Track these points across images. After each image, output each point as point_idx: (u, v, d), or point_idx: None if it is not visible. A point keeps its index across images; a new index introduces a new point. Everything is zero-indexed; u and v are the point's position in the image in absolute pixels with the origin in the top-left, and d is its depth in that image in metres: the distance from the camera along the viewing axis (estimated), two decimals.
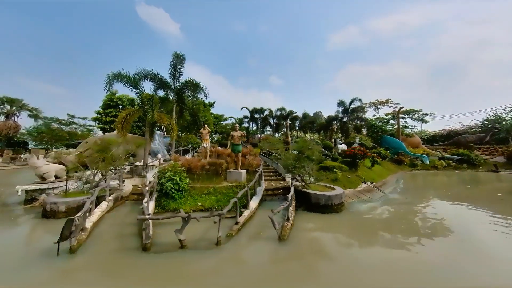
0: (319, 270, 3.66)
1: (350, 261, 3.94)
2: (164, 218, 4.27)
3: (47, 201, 5.99)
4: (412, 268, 3.70)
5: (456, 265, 3.78)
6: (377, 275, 3.45)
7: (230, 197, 7.53)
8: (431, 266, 3.75)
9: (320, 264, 3.85)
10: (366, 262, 3.84)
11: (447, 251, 4.31)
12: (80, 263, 3.77)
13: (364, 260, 3.91)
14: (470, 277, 3.48)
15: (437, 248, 4.47)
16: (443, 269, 3.66)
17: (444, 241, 4.84)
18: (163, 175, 7.38)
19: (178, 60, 12.88)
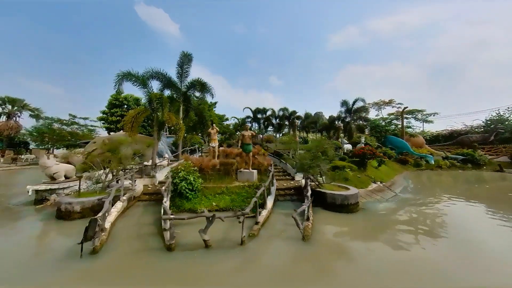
0: (347, 270, 3.60)
1: (375, 261, 3.88)
2: (189, 218, 4.21)
3: (61, 201, 5.90)
4: (438, 268, 3.65)
5: (481, 266, 3.73)
6: (404, 276, 3.40)
7: (244, 197, 7.50)
8: (456, 266, 3.70)
9: (346, 264, 3.79)
10: (391, 262, 3.79)
11: (470, 252, 4.26)
12: (105, 264, 3.69)
13: (389, 260, 3.86)
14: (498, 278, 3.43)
15: (459, 248, 4.42)
16: (470, 270, 3.62)
17: (465, 241, 4.78)
18: (176, 175, 7.30)
19: (186, 59, 12.82)
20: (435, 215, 6.68)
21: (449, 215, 6.67)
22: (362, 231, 5.38)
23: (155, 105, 10.46)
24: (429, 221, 6.10)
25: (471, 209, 7.62)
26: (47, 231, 5.36)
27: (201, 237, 4.15)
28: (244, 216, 4.41)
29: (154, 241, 4.58)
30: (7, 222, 5.90)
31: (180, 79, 13.49)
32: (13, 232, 5.19)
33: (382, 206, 7.49)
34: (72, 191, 8.26)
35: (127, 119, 9.69)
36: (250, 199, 7.32)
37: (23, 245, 4.48)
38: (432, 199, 8.93)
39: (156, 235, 4.87)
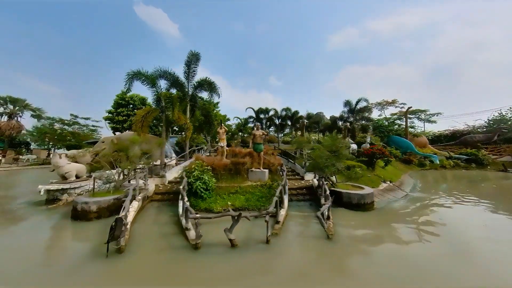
0: (374, 267, 3.56)
1: (398, 258, 3.85)
2: (215, 217, 4.16)
3: (77, 201, 5.83)
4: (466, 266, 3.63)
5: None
6: (434, 274, 3.37)
7: (258, 196, 7.46)
8: (487, 264, 3.69)
9: (374, 262, 3.75)
10: (415, 260, 3.76)
11: (496, 250, 4.25)
12: (133, 263, 3.64)
13: (413, 258, 3.84)
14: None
15: (483, 246, 4.41)
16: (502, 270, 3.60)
17: (487, 239, 4.78)
18: (190, 174, 7.25)
19: (194, 58, 12.76)
20: (452, 215, 6.68)
21: (465, 214, 6.68)
22: (382, 230, 5.35)
23: (164, 104, 10.42)
24: (447, 220, 6.09)
25: (485, 208, 7.62)
26: (66, 231, 5.29)
27: (227, 236, 4.11)
28: (269, 215, 4.37)
29: (177, 240, 4.53)
30: (24, 223, 5.83)
31: (187, 79, 13.44)
32: (33, 234, 5.09)
33: (396, 205, 7.49)
34: (83, 190, 8.20)
35: (137, 118, 9.63)
36: (265, 199, 7.32)
37: (46, 246, 4.43)
38: (444, 198, 8.94)
39: (177, 234, 4.83)
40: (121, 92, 15.14)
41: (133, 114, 14.50)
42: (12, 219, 6.12)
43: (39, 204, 7.73)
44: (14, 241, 4.63)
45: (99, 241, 4.43)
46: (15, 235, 5.08)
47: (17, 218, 6.22)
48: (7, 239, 4.75)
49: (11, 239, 4.80)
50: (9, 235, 5.02)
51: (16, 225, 5.69)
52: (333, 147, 7.22)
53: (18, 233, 5.14)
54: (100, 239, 4.51)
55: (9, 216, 6.34)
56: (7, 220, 6.00)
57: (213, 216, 4.19)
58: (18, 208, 7.12)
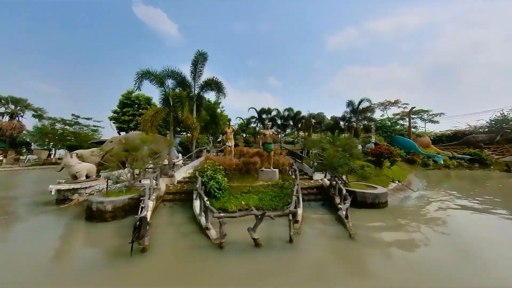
0: (400, 268, 3.55)
1: (425, 258, 3.82)
2: (240, 216, 4.13)
3: (92, 201, 5.77)
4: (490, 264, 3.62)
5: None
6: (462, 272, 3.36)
7: (272, 196, 7.44)
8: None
9: (398, 262, 3.73)
10: (438, 261, 3.75)
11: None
12: (158, 263, 3.60)
13: (436, 259, 3.82)
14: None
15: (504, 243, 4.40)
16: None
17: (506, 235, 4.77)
18: (203, 174, 7.21)
19: (201, 58, 12.72)
20: (466, 213, 6.67)
21: (479, 213, 6.67)
22: (401, 229, 5.32)
23: (172, 103, 10.37)
24: (462, 219, 6.09)
25: (497, 207, 7.63)
26: (84, 232, 5.21)
27: (251, 235, 4.08)
28: (291, 214, 4.34)
29: (197, 239, 4.49)
30: (38, 224, 5.75)
31: (194, 78, 13.42)
32: (50, 235, 5.01)
33: (409, 204, 7.49)
34: (93, 190, 8.13)
35: (146, 118, 9.59)
36: (278, 198, 7.30)
37: (67, 247, 4.37)
38: (454, 198, 8.94)
39: (196, 234, 4.79)
40: (126, 92, 15.09)
41: (139, 114, 14.44)
42: (26, 220, 6.06)
43: (49, 204, 7.65)
44: (33, 243, 4.56)
45: (120, 241, 4.40)
46: (32, 237, 4.97)
47: (31, 219, 6.15)
48: (25, 241, 4.66)
49: (30, 241, 4.71)
50: (27, 237, 4.90)
51: (31, 226, 5.60)
52: (347, 147, 7.22)
53: (35, 234, 5.04)
54: (121, 239, 4.48)
55: (23, 217, 6.28)
56: (22, 221, 5.94)
57: (238, 215, 4.16)
58: (30, 209, 7.05)
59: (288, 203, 7.00)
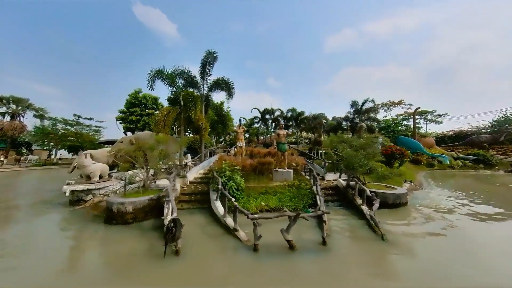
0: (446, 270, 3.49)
1: (455, 258, 3.78)
2: (276, 217, 4.04)
3: (113, 202, 5.65)
4: None
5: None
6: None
7: (290, 197, 7.35)
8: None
9: (436, 261, 3.67)
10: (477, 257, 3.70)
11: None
12: (193, 266, 3.50)
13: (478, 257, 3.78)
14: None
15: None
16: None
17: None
18: (222, 174, 7.12)
19: (210, 58, 12.63)
20: (484, 212, 6.64)
21: (497, 212, 6.65)
22: (429, 229, 5.25)
23: (183, 103, 10.28)
24: (485, 217, 6.06)
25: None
26: (107, 234, 5.05)
27: (284, 237, 4.00)
28: (324, 214, 4.27)
29: (227, 241, 4.41)
30: (59, 228, 5.57)
31: (203, 78, 13.33)
32: (74, 239, 4.88)
33: (427, 204, 7.44)
34: (107, 191, 7.99)
35: (159, 118, 9.48)
36: (297, 199, 7.22)
37: (96, 251, 4.24)
38: (470, 198, 8.92)
39: (224, 235, 4.70)
40: (134, 92, 14.94)
41: (146, 114, 14.32)
42: (45, 223, 5.87)
43: (63, 205, 7.52)
44: (57, 247, 4.43)
45: (148, 243, 4.30)
46: (55, 241, 4.78)
47: (49, 221, 5.99)
48: (49, 246, 4.48)
49: (54, 245, 4.55)
50: (50, 242, 4.68)
51: (52, 230, 5.40)
52: (366, 146, 7.17)
53: (57, 238, 4.87)
54: (149, 241, 4.39)
55: (41, 220, 6.06)
56: (41, 225, 5.72)
57: (273, 216, 4.07)
58: (46, 211, 6.87)
59: (309, 204, 6.95)
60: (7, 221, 6.02)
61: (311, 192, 7.55)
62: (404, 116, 28.56)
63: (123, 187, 8.50)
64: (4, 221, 5.96)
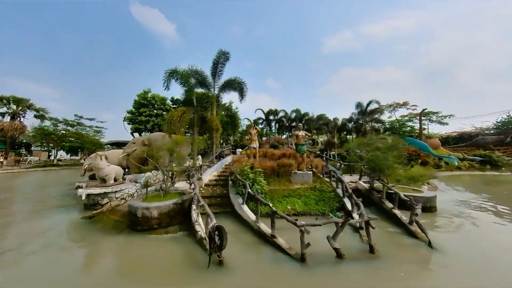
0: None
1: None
2: (324, 223, 3.81)
3: (136, 206, 5.37)
4: None
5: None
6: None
7: (316, 200, 7.14)
8: None
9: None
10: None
11: None
12: (241, 277, 3.25)
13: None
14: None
15: None
16: None
17: None
18: (246, 176, 6.87)
19: (223, 58, 12.42)
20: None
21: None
22: (473, 234, 5.06)
23: (197, 103, 10.04)
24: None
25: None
26: (138, 242, 4.76)
27: (332, 245, 3.77)
28: (370, 220, 4.05)
29: (267, 249, 4.16)
30: (82, 235, 5.25)
31: (214, 78, 13.10)
32: (103, 247, 4.58)
33: (453, 206, 7.27)
34: (123, 194, 7.68)
35: (174, 118, 9.22)
36: (323, 202, 7.01)
37: (133, 262, 3.92)
38: (494, 200, 8.79)
39: (261, 243, 4.45)
40: (142, 92, 14.62)
41: (155, 115, 14.02)
42: (64, 230, 5.52)
43: (77, 209, 7.21)
44: (86, 258, 4.16)
45: (183, 251, 4.04)
46: (80, 251, 4.48)
47: (69, 228, 5.69)
48: (78, 257, 4.19)
49: (82, 255, 4.28)
50: (75, 252, 4.39)
51: (74, 238, 5.11)
52: (393, 148, 7.00)
53: (83, 247, 4.56)
54: (183, 250, 4.13)
55: (61, 228, 5.66)
56: (62, 233, 5.34)
57: (322, 223, 3.83)
58: (61, 218, 6.53)
59: (337, 208, 6.73)
60: (23, 230, 5.68)
61: (336, 195, 7.34)
62: (409, 117, 28.57)
63: (140, 190, 8.24)
64: (19, 230, 5.64)
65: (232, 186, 7.69)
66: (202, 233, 4.49)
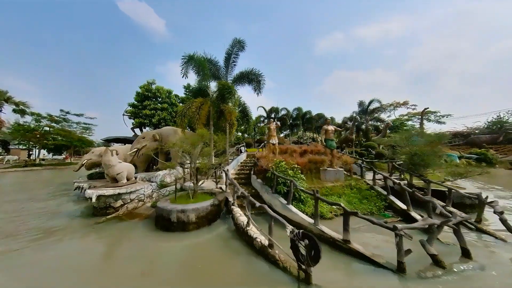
0: None
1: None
2: (421, 227, 3.20)
3: (171, 209, 4.49)
4: None
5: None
6: None
7: (359, 198, 6.61)
8: None
9: None
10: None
11: None
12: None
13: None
14: None
15: None
16: None
17: None
18: (284, 173, 6.16)
19: (237, 47, 11.55)
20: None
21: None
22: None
23: (225, 94, 9.10)
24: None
25: None
26: (188, 254, 3.90)
27: (427, 251, 3.20)
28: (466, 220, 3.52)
29: (343, 257, 3.51)
30: (107, 247, 4.30)
31: (226, 69, 12.22)
32: (157, 266, 3.70)
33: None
34: (139, 195, 6.66)
35: (193, 109, 8.29)
36: (366, 201, 6.49)
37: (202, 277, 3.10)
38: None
39: (331, 249, 3.79)
40: (146, 83, 13.29)
41: (161, 109, 12.79)
42: (84, 242, 4.48)
43: (83, 215, 6.11)
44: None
45: (244, 265, 3.28)
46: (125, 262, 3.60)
47: (88, 239, 4.65)
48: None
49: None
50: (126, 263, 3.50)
51: (108, 249, 4.17)
52: (434, 144, 6.65)
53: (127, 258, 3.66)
54: (240, 262, 3.37)
55: (74, 242, 4.62)
56: (84, 245, 4.30)
57: (420, 225, 3.24)
58: (71, 229, 5.43)
59: (385, 206, 6.23)
60: (27, 248, 4.58)
61: (378, 193, 6.85)
62: (408, 116, 29.32)
63: (157, 190, 7.24)
64: (20, 249, 4.53)
65: (263, 184, 6.96)
66: (263, 240, 3.74)
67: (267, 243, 3.60)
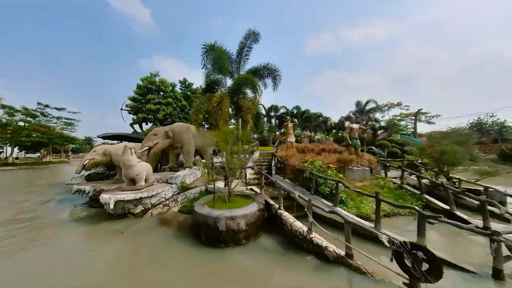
0: None
1: None
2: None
3: (215, 216, 3.90)
4: None
5: None
6: None
7: (394, 199, 6.48)
8: None
9: None
10: None
11: None
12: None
13: None
14: None
15: None
16: None
17: None
18: (322, 172, 5.81)
19: (251, 39, 10.88)
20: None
21: None
22: None
23: (234, 88, 8.52)
24: None
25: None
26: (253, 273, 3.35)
27: None
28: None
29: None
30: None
31: (239, 63, 11.55)
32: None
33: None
34: (159, 199, 5.90)
35: (214, 105, 7.61)
36: (402, 201, 6.39)
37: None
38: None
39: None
40: (149, 75, 12.06)
41: (165, 103, 11.69)
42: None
43: (93, 221, 5.25)
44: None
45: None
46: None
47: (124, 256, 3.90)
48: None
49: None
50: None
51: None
52: (464, 143, 6.73)
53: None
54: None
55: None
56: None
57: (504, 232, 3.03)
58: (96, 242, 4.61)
59: (423, 205, 6.16)
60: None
61: (411, 193, 6.79)
62: (401, 117, 30.66)
63: (178, 193, 6.53)
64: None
65: (295, 185, 6.58)
66: (335, 248, 3.35)
67: (343, 252, 3.21)
